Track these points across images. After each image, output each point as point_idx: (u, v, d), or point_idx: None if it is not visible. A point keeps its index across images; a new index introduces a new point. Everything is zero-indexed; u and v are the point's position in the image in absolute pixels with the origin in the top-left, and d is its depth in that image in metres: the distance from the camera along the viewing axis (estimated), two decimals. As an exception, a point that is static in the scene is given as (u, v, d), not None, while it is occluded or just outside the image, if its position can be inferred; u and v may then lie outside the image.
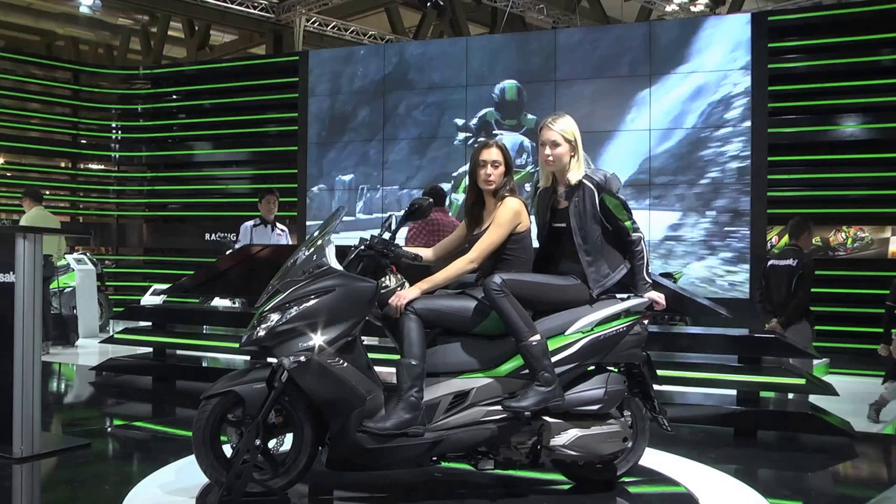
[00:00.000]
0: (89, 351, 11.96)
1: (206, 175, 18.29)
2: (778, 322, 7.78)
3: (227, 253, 10.34)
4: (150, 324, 9.42)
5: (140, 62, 23.96)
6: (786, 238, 8.48)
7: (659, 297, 4.91)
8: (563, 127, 4.87)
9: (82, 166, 19.91)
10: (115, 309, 14.53)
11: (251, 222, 10.25)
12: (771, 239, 12.79)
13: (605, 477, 5.02)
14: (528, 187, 4.62)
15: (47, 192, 18.82)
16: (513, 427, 4.64)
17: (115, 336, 9.80)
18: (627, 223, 4.85)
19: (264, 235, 10.11)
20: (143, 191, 19.16)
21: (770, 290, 7.98)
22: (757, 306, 8.39)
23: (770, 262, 8.11)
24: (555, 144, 4.87)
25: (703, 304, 6.82)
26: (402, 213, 4.95)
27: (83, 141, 19.28)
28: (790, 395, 7.38)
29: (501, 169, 4.90)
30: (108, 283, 16.11)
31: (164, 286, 13.16)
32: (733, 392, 6.98)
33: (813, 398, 7.18)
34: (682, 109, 13.06)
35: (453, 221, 8.01)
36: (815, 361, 8.30)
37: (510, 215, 4.82)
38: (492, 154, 4.91)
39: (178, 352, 9.33)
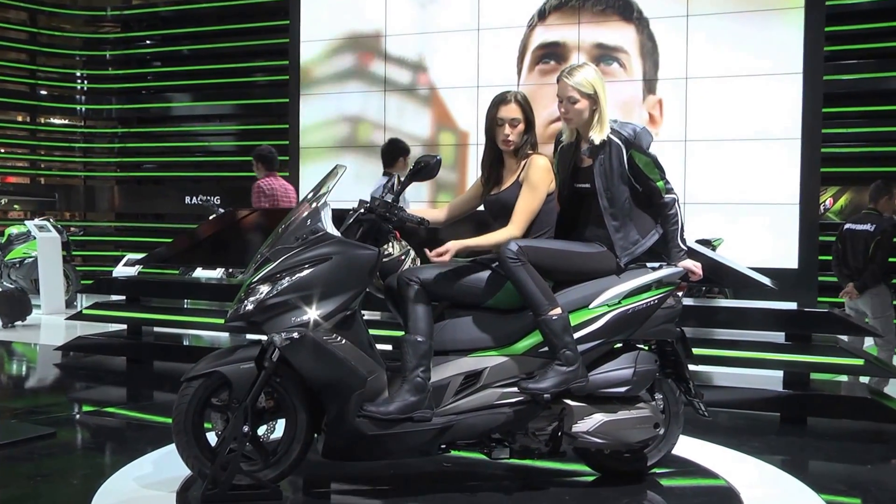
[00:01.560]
0: (54, 329, 12.02)
1: (186, 131, 18.30)
2: (854, 287, 8.08)
3: (211, 218, 10.37)
4: (123, 298, 9.51)
5: (108, 1, 23.86)
6: (842, 200, 8.54)
7: (695, 267, 4.92)
8: (581, 80, 4.83)
9: (43, 121, 19.89)
10: (83, 281, 14.61)
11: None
12: (825, 201, 12.75)
13: (633, 468, 5.06)
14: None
15: (2, 151, 18.86)
16: (530, 411, 4.67)
17: (84, 312, 9.88)
18: (660, 183, 4.85)
19: None
20: (113, 149, 19.20)
21: (846, 255, 8.35)
22: (833, 270, 8.66)
23: (847, 226, 8.47)
24: (572, 101, 4.85)
25: (745, 275, 6.82)
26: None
27: (43, 92, 19.29)
28: (845, 378, 7.40)
29: (521, 127, 4.90)
30: (74, 253, 16.16)
31: (139, 256, 13.23)
32: (780, 373, 7.00)
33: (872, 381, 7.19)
34: (724, 54, 12.97)
35: (285, 185, 8.85)
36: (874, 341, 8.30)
37: (543, 175, 4.83)
38: (510, 111, 4.89)
39: (156, 329, 9.39)
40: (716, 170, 12.66)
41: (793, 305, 7.31)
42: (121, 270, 14.51)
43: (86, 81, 19.24)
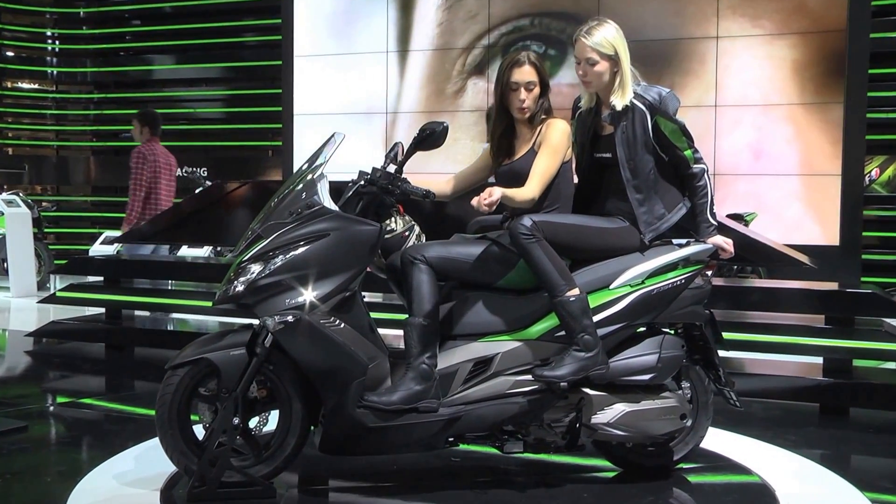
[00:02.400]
0: (25, 313, 12.06)
1: (168, 96, 18.31)
2: None
3: (197, 192, 10.40)
4: (100, 279, 9.54)
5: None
6: (890, 170, 8.51)
7: (726, 243, 4.90)
8: (600, 40, 4.79)
9: (10, 85, 19.92)
10: (56, 261, 14.65)
11: None
12: (870, 172, 12.73)
13: (658, 462, 5.07)
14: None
15: (-36, 119, 18.89)
16: (546, 401, 4.68)
17: (58, 294, 9.92)
18: (687, 152, 4.83)
19: None
20: (88, 116, 19.22)
21: None
22: None
23: None
24: (590, 62, 4.83)
25: (781, 252, 6.82)
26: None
27: (9, 53, 19.30)
28: (891, 365, 7.40)
29: (536, 91, 4.88)
30: (46, 230, 16.23)
31: (118, 233, 13.21)
32: (819, 360, 7.02)
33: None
34: (759, 10, 12.92)
35: (166, 152, 9.40)
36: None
37: (563, 138, 4.81)
38: (525, 73, 4.86)
39: (137, 313, 9.43)
40: (749, 137, 12.64)
41: (834, 286, 7.30)
42: (98, 249, 14.56)
43: (57, 42, 19.22)
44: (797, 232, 12.34)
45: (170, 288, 10.39)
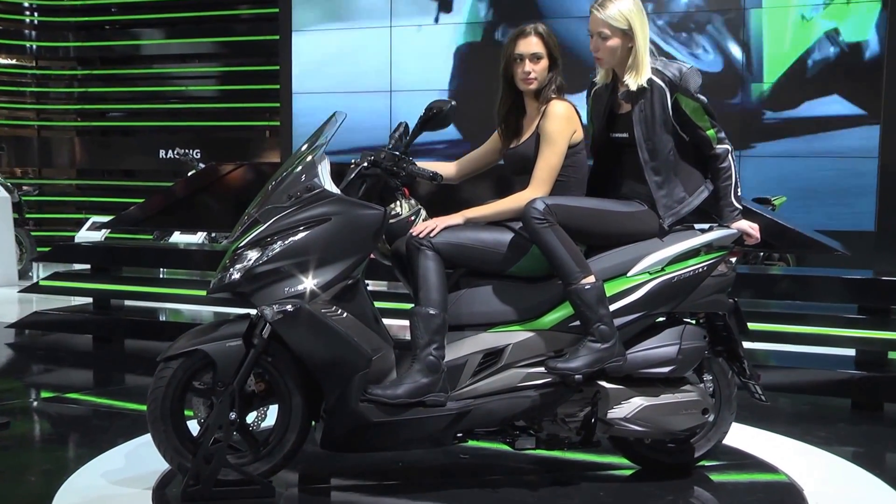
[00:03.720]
0: (6, 303, 12.01)
1: (158, 73, 18.30)
2: None
3: (190, 175, 10.42)
4: (87, 267, 9.56)
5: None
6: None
7: (751, 228, 4.91)
8: (613, 13, 4.77)
9: (-14, 59, 19.96)
10: (39, 248, 14.63)
11: None
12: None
13: (678, 460, 5.10)
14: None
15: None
16: (560, 395, 4.71)
17: (41, 283, 9.96)
18: (710, 132, 4.84)
19: None
20: (72, 94, 19.20)
21: None
22: None
23: None
24: (603, 37, 4.83)
25: (810, 238, 6.80)
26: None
27: (-15, 26, 19.29)
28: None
29: (544, 62, 4.87)
30: (28, 216, 16.16)
31: (106, 218, 13.27)
32: (851, 352, 7.03)
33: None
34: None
35: None
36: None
37: (561, 125, 4.79)
38: (530, 45, 4.86)
39: (127, 302, 9.43)
40: (776, 114, 12.62)
41: (868, 273, 7.28)
42: (84, 235, 14.55)
43: (36, 14, 19.19)
44: (829, 217, 12.33)
45: (162, 276, 10.39)
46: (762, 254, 10.72)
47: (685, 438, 5.02)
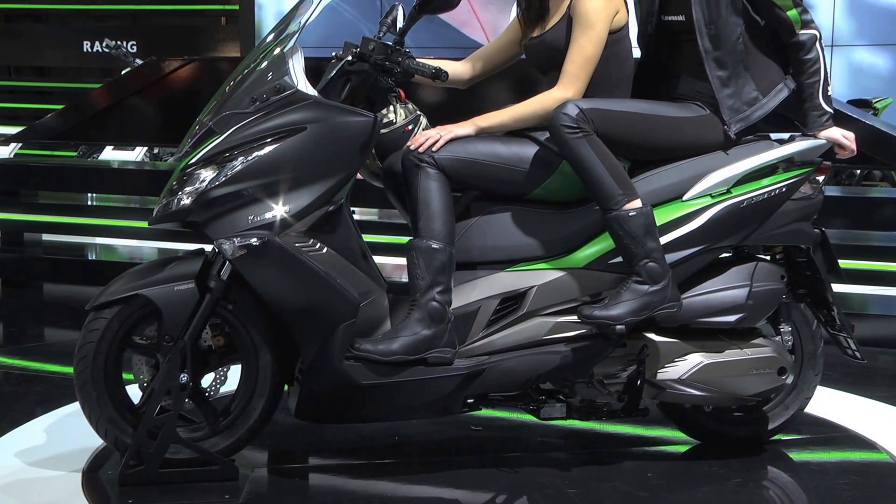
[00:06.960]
0: None
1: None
2: None
3: (124, 73, 10.33)
4: (-7, 192, 9.49)
5: None
6: None
7: (845, 138, 4.79)
8: None
9: None
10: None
11: None
12: None
13: (747, 432, 5.07)
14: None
15: None
16: (597, 351, 4.64)
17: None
18: (792, 12, 4.70)
19: None
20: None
21: None
22: None
23: None
24: None
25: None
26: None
27: None
28: None
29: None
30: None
31: (15, 130, 13.13)
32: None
33: None
34: None
35: None
36: None
37: (599, 4, 4.64)
38: None
39: (45, 236, 9.47)
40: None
41: None
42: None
43: None
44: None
45: (90, 204, 10.27)
46: (859, 171, 10.68)
47: (756, 405, 4.98)
